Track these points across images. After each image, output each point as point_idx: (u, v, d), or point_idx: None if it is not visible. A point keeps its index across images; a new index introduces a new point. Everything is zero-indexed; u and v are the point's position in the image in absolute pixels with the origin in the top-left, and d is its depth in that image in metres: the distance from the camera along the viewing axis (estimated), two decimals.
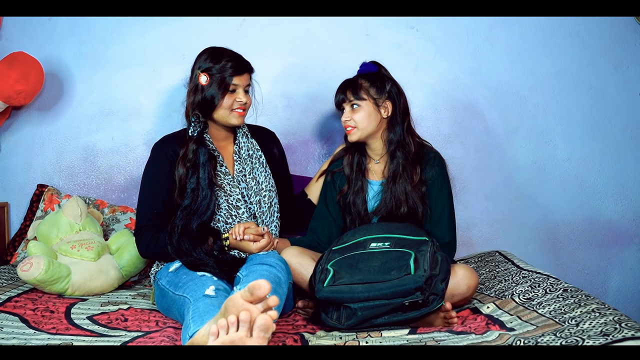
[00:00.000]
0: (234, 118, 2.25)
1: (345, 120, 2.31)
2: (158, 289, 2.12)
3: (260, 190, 2.32)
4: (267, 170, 2.37)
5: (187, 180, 2.18)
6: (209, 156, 2.24)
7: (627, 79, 2.91)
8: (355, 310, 1.86)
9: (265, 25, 2.87)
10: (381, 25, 2.89)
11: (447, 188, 2.32)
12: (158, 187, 2.23)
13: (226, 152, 2.35)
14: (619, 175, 2.94)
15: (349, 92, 2.29)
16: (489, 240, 2.92)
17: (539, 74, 2.91)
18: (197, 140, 2.24)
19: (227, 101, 2.23)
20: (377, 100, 2.29)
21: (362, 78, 2.32)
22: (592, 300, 1.75)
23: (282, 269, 1.98)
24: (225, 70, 2.22)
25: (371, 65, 2.38)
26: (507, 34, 2.91)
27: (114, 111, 2.91)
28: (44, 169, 2.90)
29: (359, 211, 2.34)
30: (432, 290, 1.87)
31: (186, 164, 2.20)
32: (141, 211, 2.24)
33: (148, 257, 2.27)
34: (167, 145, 2.28)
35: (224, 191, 2.25)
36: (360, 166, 2.39)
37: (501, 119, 2.92)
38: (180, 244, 2.09)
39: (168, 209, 2.22)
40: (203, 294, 1.84)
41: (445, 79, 2.91)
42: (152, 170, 2.26)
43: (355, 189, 2.36)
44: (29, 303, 2.11)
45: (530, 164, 2.93)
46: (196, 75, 2.25)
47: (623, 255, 2.94)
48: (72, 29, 2.88)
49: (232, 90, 2.23)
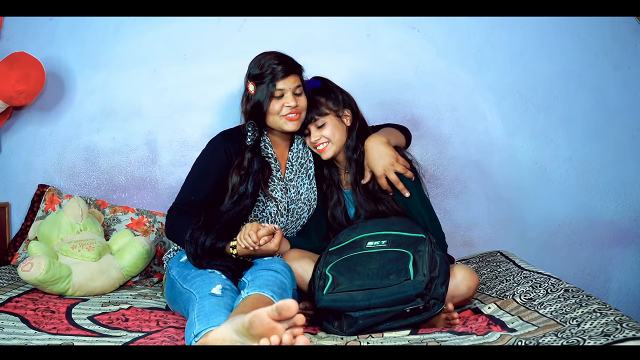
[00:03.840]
0: (285, 124, 2.21)
1: (315, 140, 2.27)
2: (168, 278, 2.13)
3: (298, 200, 2.31)
4: (311, 183, 2.36)
5: (239, 187, 2.17)
6: (263, 164, 2.22)
7: (628, 79, 2.91)
8: (357, 318, 1.86)
9: (266, 26, 2.86)
10: (382, 26, 2.89)
11: (412, 182, 2.23)
12: (205, 177, 2.22)
13: (283, 158, 2.34)
14: (620, 175, 2.93)
15: (310, 112, 2.27)
16: (490, 241, 2.92)
17: (540, 74, 2.91)
18: (252, 149, 2.22)
19: (275, 107, 2.19)
20: (337, 112, 2.28)
21: (315, 95, 2.29)
22: (593, 300, 1.75)
23: (287, 275, 1.97)
24: (268, 76, 2.18)
25: (314, 81, 2.34)
26: (508, 35, 2.90)
27: (115, 111, 2.91)
28: (44, 169, 2.90)
29: (341, 222, 2.34)
30: (433, 295, 1.86)
31: (240, 172, 2.18)
32: (181, 193, 2.23)
33: (170, 237, 2.25)
34: (228, 141, 2.25)
35: (274, 200, 2.24)
36: (332, 180, 2.38)
37: (502, 119, 2.91)
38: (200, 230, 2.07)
39: (206, 201, 2.21)
40: (209, 292, 1.84)
41: (446, 79, 2.91)
42: (206, 159, 2.25)
43: (332, 202, 2.36)
44: (29, 303, 2.11)
45: (531, 164, 2.92)
46: (245, 84, 2.25)
47: (624, 255, 2.94)
48: (73, 29, 2.88)
49: (279, 95, 2.19)
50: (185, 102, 2.89)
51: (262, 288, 1.82)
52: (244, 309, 1.67)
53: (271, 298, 1.80)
